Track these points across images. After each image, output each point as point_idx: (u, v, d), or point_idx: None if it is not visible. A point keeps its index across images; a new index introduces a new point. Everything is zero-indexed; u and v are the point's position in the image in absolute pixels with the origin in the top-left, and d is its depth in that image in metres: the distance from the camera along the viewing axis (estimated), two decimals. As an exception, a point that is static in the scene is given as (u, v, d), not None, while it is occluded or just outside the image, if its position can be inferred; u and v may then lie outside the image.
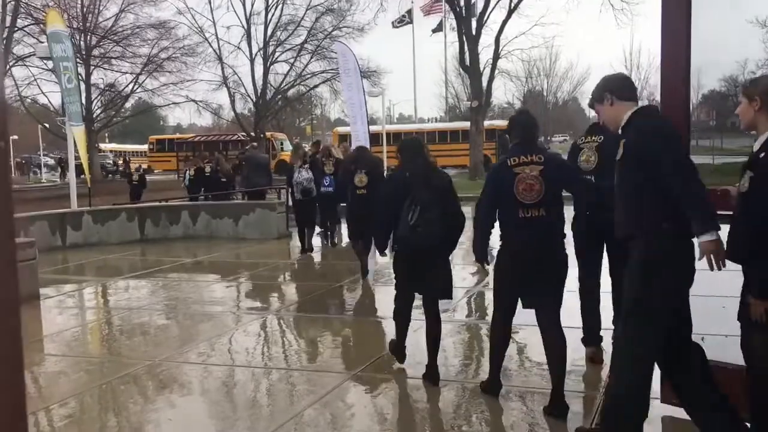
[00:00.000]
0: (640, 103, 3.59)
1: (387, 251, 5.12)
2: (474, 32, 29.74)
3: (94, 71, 39.32)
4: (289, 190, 11.95)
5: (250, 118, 43.22)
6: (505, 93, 60.22)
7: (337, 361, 5.61)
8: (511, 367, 5.13)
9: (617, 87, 3.57)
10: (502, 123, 39.74)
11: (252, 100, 40.14)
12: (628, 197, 3.38)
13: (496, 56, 30.83)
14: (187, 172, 17.32)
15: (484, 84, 31.01)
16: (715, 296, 4.89)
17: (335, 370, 5.30)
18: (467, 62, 30.29)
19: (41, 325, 7.17)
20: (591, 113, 6.97)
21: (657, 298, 3.28)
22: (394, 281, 5.10)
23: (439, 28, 46.31)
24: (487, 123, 32.71)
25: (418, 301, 5.10)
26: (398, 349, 5.21)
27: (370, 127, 15.61)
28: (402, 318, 5.10)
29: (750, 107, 3.23)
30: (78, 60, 37.31)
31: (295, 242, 12.12)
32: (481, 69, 30.73)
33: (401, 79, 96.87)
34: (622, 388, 3.40)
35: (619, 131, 3.51)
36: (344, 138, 26.16)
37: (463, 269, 9.09)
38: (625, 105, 3.49)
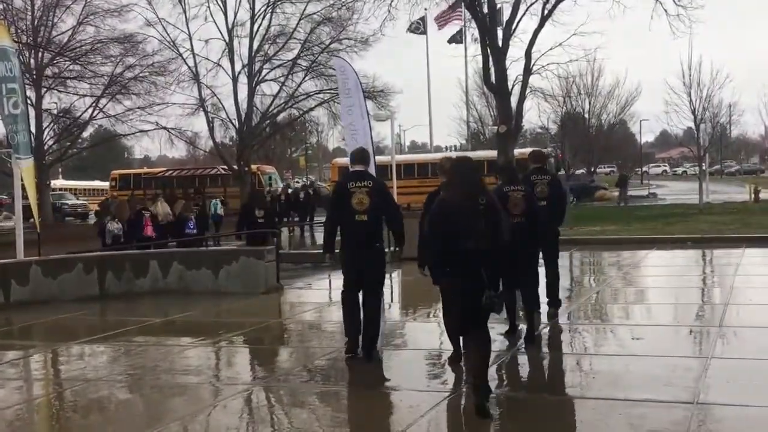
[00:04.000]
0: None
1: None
2: (500, 44, 30.00)
3: (46, 94, 39.78)
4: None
5: (232, 148, 43.62)
6: (539, 116, 60.23)
7: (339, 443, 5.53)
8: None
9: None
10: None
11: (234, 126, 40.49)
12: None
13: (528, 72, 31.04)
14: None
15: (514, 105, 31.18)
16: None
17: (337, 456, 5.21)
18: (493, 79, 30.51)
19: (-22, 401, 7.11)
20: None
21: None
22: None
23: (456, 37, 46.83)
24: (517, 152, 32.81)
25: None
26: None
27: (376, 157, 15.68)
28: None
29: None
30: (27, 81, 37.74)
31: (287, 297, 12.80)
32: (510, 87, 30.93)
33: (413, 100, 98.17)
34: None
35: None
36: (344, 169, 26.24)
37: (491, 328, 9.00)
38: None
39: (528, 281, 8.59)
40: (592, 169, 63.80)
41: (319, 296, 13.35)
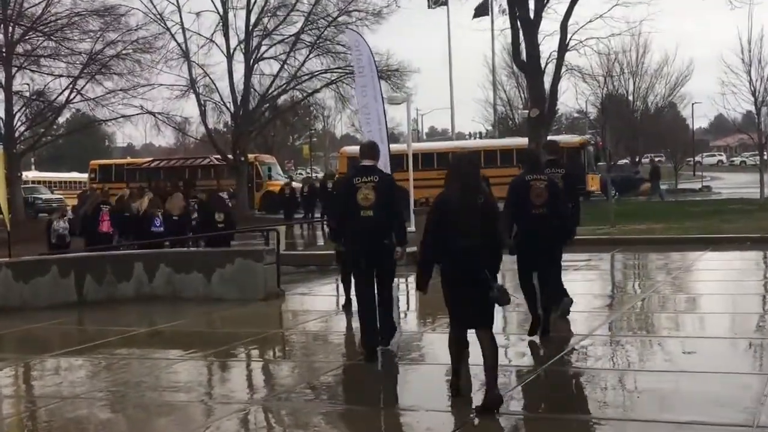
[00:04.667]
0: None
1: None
2: (532, 16, 29.94)
3: (17, 74, 39.92)
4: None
5: (226, 135, 43.60)
6: (576, 98, 59.95)
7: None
8: None
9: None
10: (573, 139, 39.83)
11: (229, 110, 40.57)
12: None
13: (563, 48, 30.98)
14: None
15: (547, 86, 31.12)
16: None
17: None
18: (523, 57, 30.49)
19: (-59, 421, 7.17)
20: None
21: None
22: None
23: (483, 10, 46.75)
24: (552, 139, 32.68)
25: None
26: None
27: (390, 146, 15.66)
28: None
29: None
30: (-4, 59, 37.94)
31: (288, 305, 12.78)
32: (543, 66, 30.87)
33: (433, 80, 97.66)
34: None
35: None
36: (353, 159, 26.28)
37: (520, 340, 9.02)
38: None
39: (550, 277, 9.27)
40: (637, 159, 63.49)
41: (325, 303, 13.35)
